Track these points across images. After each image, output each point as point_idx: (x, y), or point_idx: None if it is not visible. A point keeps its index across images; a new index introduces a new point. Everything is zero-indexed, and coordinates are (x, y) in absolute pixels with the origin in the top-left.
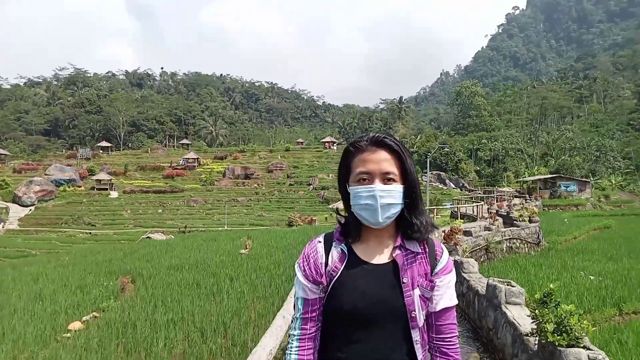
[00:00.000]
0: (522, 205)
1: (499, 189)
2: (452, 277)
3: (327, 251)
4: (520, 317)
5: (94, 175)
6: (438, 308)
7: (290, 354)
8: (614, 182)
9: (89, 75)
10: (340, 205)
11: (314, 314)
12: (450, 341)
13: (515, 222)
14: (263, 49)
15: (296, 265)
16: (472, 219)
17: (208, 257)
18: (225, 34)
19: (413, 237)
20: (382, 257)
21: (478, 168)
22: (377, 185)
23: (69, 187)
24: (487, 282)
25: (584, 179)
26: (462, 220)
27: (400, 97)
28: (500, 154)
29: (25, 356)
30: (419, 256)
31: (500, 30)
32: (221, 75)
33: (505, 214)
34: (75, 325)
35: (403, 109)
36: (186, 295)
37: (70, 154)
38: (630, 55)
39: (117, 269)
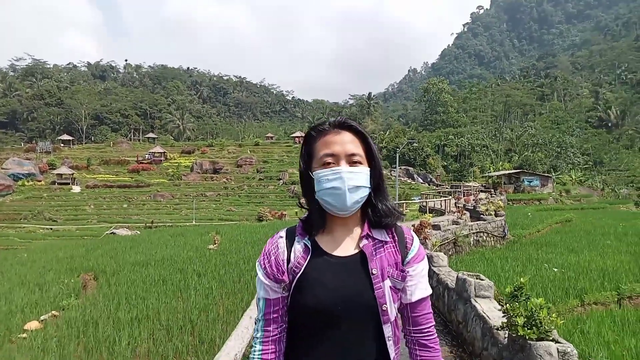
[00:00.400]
0: (488, 200)
1: (466, 184)
2: (425, 265)
3: (290, 246)
4: (490, 310)
5: (54, 169)
6: (414, 299)
7: (254, 357)
8: (574, 177)
9: (48, 66)
10: None
11: (276, 315)
12: (429, 331)
13: (481, 216)
14: (231, 42)
15: (257, 264)
16: (440, 213)
17: (175, 252)
18: (192, 26)
19: (381, 224)
20: (348, 249)
21: (445, 163)
22: (344, 167)
23: (28, 181)
24: (457, 276)
25: (546, 174)
26: (430, 215)
27: (369, 93)
28: (466, 150)
29: None
30: (388, 245)
31: (465, 29)
32: (188, 68)
33: (472, 208)
34: (32, 325)
35: (372, 105)
36: (152, 292)
37: (29, 148)
38: (587, 56)
39: (79, 266)
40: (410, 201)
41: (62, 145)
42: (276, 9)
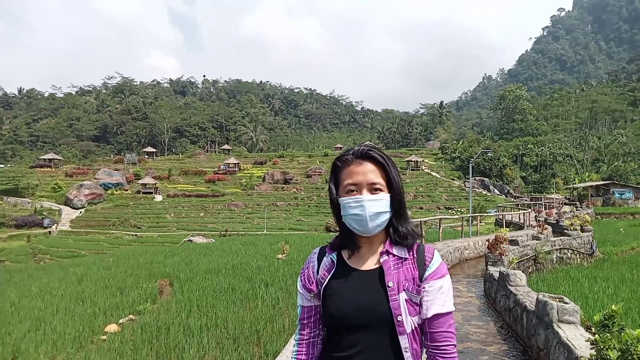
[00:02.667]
0: (573, 214)
1: (547, 196)
2: (443, 282)
3: (320, 261)
4: (575, 338)
5: (139, 179)
6: (429, 314)
7: (291, 357)
8: None
9: (135, 83)
10: None
11: (309, 321)
12: (445, 350)
13: (565, 231)
14: (302, 55)
15: (299, 276)
16: (518, 227)
17: (245, 261)
18: (265, 41)
19: (401, 244)
20: (370, 264)
21: (524, 174)
22: (365, 195)
23: (116, 190)
24: (537, 298)
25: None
26: (507, 229)
27: (441, 102)
28: (547, 160)
29: (61, 357)
30: (407, 261)
31: (545, 33)
32: (261, 82)
33: (555, 222)
34: (112, 327)
35: (444, 114)
36: (221, 301)
37: (118, 159)
38: None
39: (157, 272)
40: (485, 214)
41: (146, 156)
42: (346, 21)
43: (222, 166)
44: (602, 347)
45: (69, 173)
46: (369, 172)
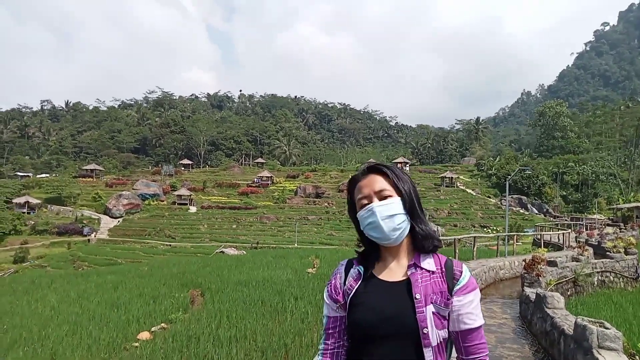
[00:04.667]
0: (616, 235)
1: (589, 216)
2: (474, 296)
3: (347, 273)
4: None
5: (175, 190)
6: (462, 328)
7: None
8: None
9: (174, 97)
10: None
11: (334, 331)
12: None
13: (608, 253)
14: (336, 70)
15: (325, 287)
16: (557, 247)
17: (275, 274)
18: (300, 57)
19: (424, 248)
20: (397, 276)
21: (564, 193)
22: (375, 202)
23: (153, 201)
24: (576, 322)
25: None
26: (546, 249)
27: (478, 118)
28: (589, 179)
29: None
30: (434, 275)
31: (587, 48)
32: (295, 97)
33: (597, 243)
34: (144, 335)
35: (480, 130)
36: (251, 313)
37: (155, 171)
38: None
39: (189, 282)
40: (522, 233)
41: (182, 168)
42: (381, 36)
43: (255, 179)
44: None
45: (109, 183)
46: (375, 182)
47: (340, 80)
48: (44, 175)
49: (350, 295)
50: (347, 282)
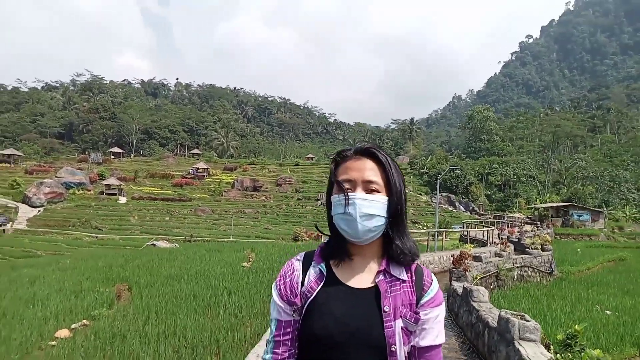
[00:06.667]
0: (534, 233)
1: (510, 215)
2: (440, 310)
3: (305, 270)
4: (536, 355)
5: (104, 180)
6: (422, 344)
7: None
8: (627, 213)
9: (105, 82)
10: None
11: (286, 338)
12: None
13: (527, 249)
14: (277, 64)
15: (273, 285)
16: (482, 243)
17: (209, 268)
18: (240, 49)
19: (397, 261)
20: (363, 281)
21: (489, 192)
22: (358, 193)
23: (78, 190)
24: (500, 315)
25: (597, 209)
26: (472, 245)
27: (412, 118)
28: (511, 180)
29: None
30: (405, 284)
31: (513, 58)
32: (235, 88)
33: (517, 240)
34: (63, 333)
35: (414, 130)
36: (181, 308)
37: (82, 158)
38: None
39: (116, 276)
40: (450, 229)
41: (112, 157)
42: (321, 33)
43: (190, 170)
44: None
45: (29, 170)
46: (367, 169)
47: (280, 75)
48: None
49: (309, 299)
50: (306, 282)
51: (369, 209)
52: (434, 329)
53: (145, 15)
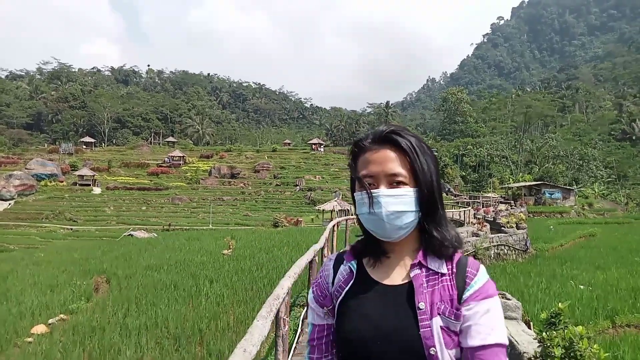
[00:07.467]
0: (508, 212)
1: (485, 195)
2: (490, 304)
3: (336, 270)
4: (518, 333)
5: (76, 170)
6: (471, 344)
7: None
8: (596, 190)
9: (73, 70)
10: (326, 206)
11: (321, 342)
12: None
13: (502, 228)
14: (251, 50)
15: (311, 286)
16: (459, 224)
17: (189, 257)
18: (213, 34)
19: (436, 253)
20: (397, 277)
21: (464, 173)
22: (381, 189)
23: (50, 182)
24: None
25: (567, 187)
26: None
27: (387, 102)
28: (485, 160)
29: None
30: (444, 278)
31: (485, 40)
32: (208, 74)
33: (492, 219)
34: (39, 328)
35: (390, 114)
36: (162, 298)
37: (53, 149)
38: (611, 68)
39: (93, 268)
40: None
41: (84, 147)
42: (296, 18)
43: (166, 159)
44: (548, 344)
45: None
46: (388, 160)
47: (255, 60)
48: None
49: (339, 299)
50: (335, 282)
51: (396, 205)
52: (484, 326)
53: (113, 1)
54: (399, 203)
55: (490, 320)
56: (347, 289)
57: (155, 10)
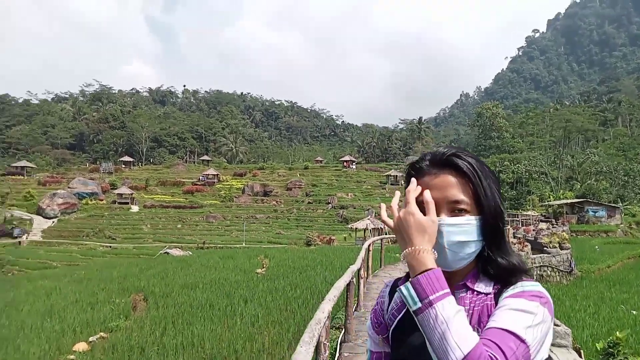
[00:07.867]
0: (550, 231)
1: (524, 213)
2: (525, 304)
3: (392, 297)
4: None
5: (115, 189)
6: (486, 327)
7: None
8: None
9: (113, 91)
10: (359, 224)
11: None
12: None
13: (545, 248)
14: (283, 68)
15: (370, 313)
16: None
17: (223, 275)
18: (247, 54)
19: (501, 279)
20: None
21: (501, 190)
22: (443, 218)
23: (91, 200)
24: None
25: (612, 204)
26: None
27: (420, 118)
28: (523, 177)
29: None
30: (489, 297)
31: (520, 53)
32: (242, 93)
33: (533, 239)
34: (81, 346)
35: (423, 130)
36: (198, 317)
37: (94, 168)
38: None
39: (131, 286)
40: None
41: (123, 166)
42: (327, 35)
43: (200, 177)
44: None
45: (42, 181)
46: (449, 186)
47: (287, 78)
48: None
49: (392, 327)
50: (389, 310)
51: (459, 235)
52: (505, 315)
53: (150, 23)
54: (461, 233)
55: (515, 313)
56: (399, 317)
57: (190, 31)
